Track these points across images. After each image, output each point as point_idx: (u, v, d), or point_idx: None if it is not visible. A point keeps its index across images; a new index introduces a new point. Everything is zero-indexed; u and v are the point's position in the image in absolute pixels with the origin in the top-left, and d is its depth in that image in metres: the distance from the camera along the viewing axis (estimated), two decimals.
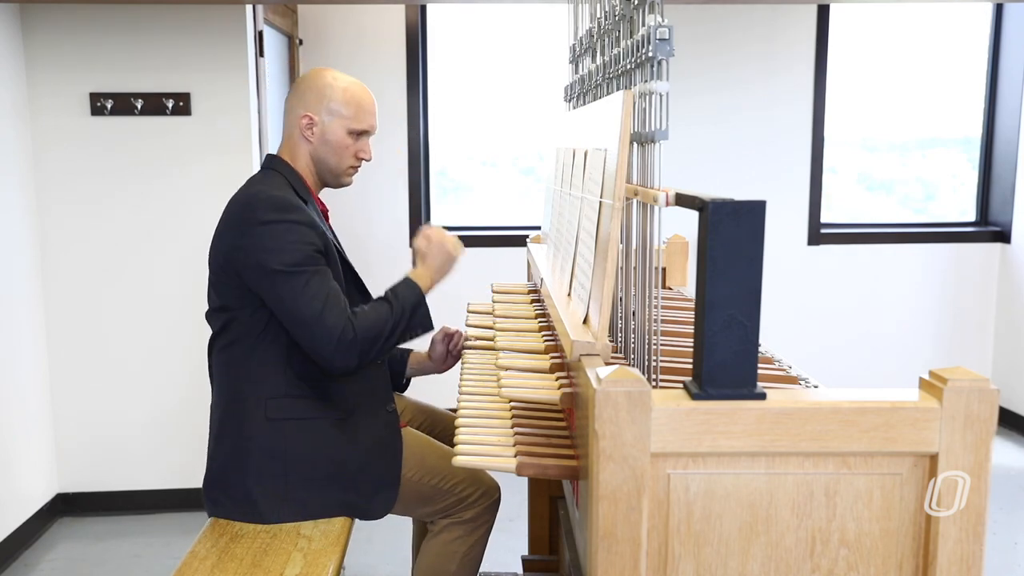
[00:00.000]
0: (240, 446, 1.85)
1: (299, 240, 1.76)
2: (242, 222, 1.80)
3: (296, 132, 1.92)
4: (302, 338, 1.77)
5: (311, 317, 1.73)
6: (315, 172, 1.95)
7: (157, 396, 3.28)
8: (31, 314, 3.13)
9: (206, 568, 1.70)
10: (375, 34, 4.03)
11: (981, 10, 4.33)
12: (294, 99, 1.93)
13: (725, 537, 1.08)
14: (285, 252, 1.75)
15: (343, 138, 1.91)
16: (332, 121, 1.90)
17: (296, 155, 1.93)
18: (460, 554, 1.94)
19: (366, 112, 1.93)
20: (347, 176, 1.98)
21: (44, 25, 3.08)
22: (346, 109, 1.91)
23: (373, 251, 4.06)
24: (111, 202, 3.18)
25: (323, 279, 1.76)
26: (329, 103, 1.90)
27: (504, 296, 2.27)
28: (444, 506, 1.93)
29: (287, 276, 1.74)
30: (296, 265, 1.74)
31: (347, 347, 1.74)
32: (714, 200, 1.04)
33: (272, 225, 1.76)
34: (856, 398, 1.06)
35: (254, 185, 1.87)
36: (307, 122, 1.90)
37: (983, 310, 4.38)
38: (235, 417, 1.87)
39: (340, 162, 1.94)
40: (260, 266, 1.76)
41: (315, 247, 1.78)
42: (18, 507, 3.04)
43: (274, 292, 1.76)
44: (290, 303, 1.75)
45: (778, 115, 4.19)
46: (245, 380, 1.86)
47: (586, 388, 1.14)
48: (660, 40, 1.27)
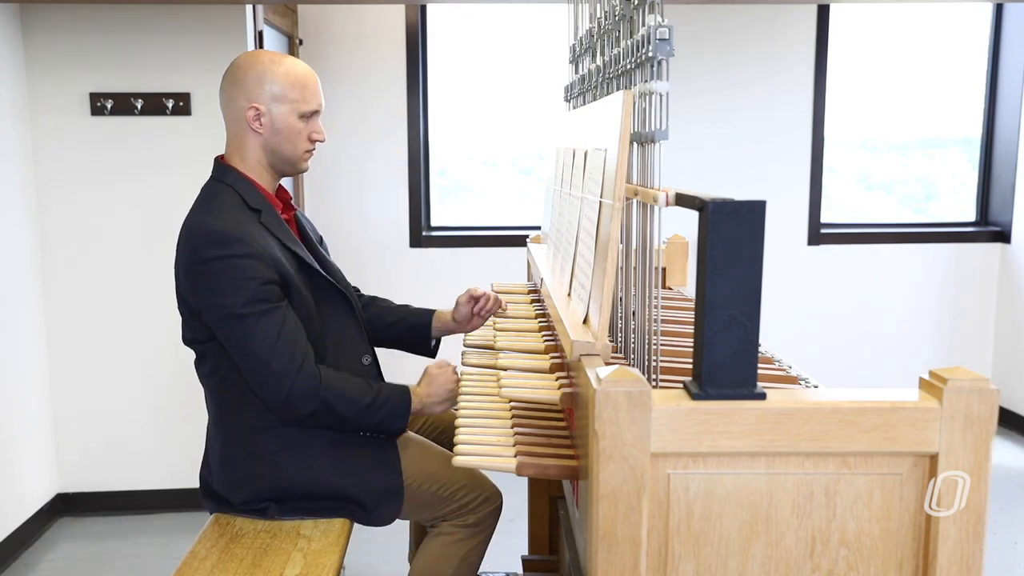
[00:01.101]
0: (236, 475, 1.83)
1: (242, 277, 1.66)
2: (186, 261, 1.73)
3: (242, 125, 1.80)
4: (253, 383, 1.72)
5: (258, 362, 1.67)
6: (269, 165, 1.83)
7: (157, 396, 3.28)
8: (31, 314, 3.13)
9: (206, 568, 1.70)
10: (375, 34, 4.03)
11: (981, 10, 4.33)
12: (233, 89, 1.81)
13: (725, 537, 1.08)
14: (227, 294, 1.66)
15: (294, 123, 1.79)
16: (280, 107, 1.78)
17: (245, 151, 1.82)
18: (458, 557, 1.90)
19: (312, 91, 1.81)
20: (303, 161, 1.85)
21: (44, 25, 3.08)
22: (292, 92, 1.78)
23: (372, 251, 4.05)
24: (111, 202, 3.18)
25: (273, 319, 1.67)
26: (272, 88, 1.77)
27: (504, 296, 2.27)
28: (445, 512, 1.91)
29: (233, 320, 1.67)
30: (244, 305, 1.66)
31: (302, 395, 1.68)
32: (714, 200, 1.04)
33: (213, 263, 1.67)
34: (856, 398, 1.06)
35: (196, 215, 1.77)
36: (254, 113, 1.78)
37: (983, 310, 4.38)
38: (228, 447, 1.83)
39: (295, 148, 1.82)
40: (207, 308, 1.70)
41: (262, 280, 1.68)
42: (18, 507, 3.04)
43: (222, 334, 1.71)
44: (237, 346, 1.69)
45: (778, 115, 4.18)
46: (231, 412, 1.82)
47: (586, 388, 1.14)
48: (660, 40, 1.27)
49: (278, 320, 1.69)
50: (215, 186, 1.82)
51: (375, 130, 4.06)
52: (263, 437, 1.79)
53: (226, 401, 1.82)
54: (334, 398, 1.73)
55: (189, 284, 1.73)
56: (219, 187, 1.81)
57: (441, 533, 1.92)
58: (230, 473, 1.83)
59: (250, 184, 1.81)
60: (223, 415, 1.84)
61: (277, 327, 1.68)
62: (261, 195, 1.82)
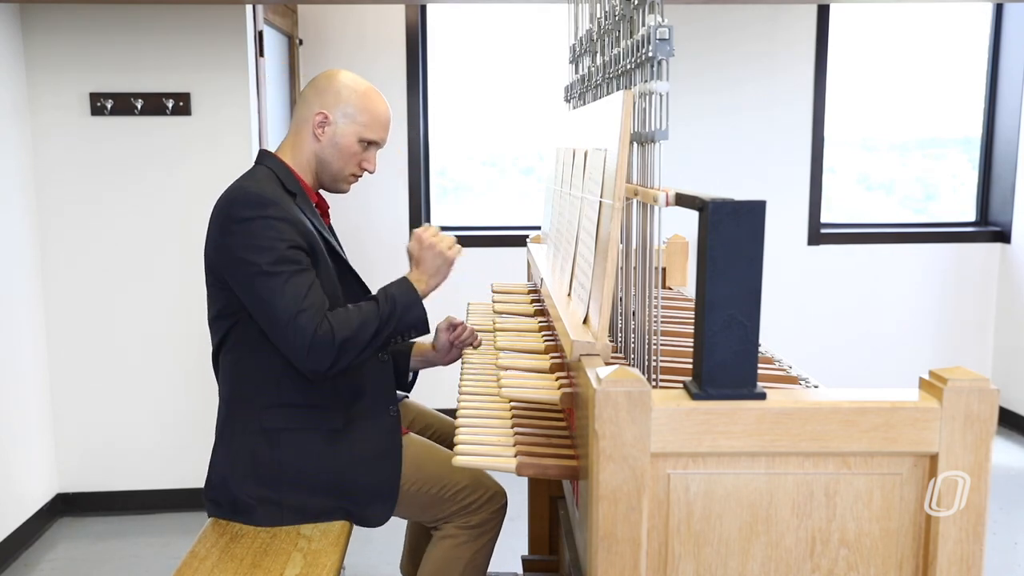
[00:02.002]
0: (236, 453, 1.84)
1: (276, 237, 1.71)
2: (221, 221, 1.76)
3: (307, 128, 1.86)
4: (277, 339, 1.72)
5: (285, 317, 1.68)
6: (316, 171, 1.90)
7: (157, 396, 3.28)
8: (31, 314, 3.13)
9: (206, 568, 1.70)
10: (375, 34, 4.03)
11: (981, 10, 4.34)
12: (311, 94, 1.88)
13: (725, 537, 1.08)
14: (262, 251, 1.70)
15: (352, 144, 1.86)
16: (346, 124, 1.85)
17: (299, 151, 1.88)
18: (464, 560, 1.89)
19: (380, 123, 1.89)
20: (346, 183, 1.92)
21: (44, 25, 3.08)
22: (362, 115, 1.86)
23: (373, 251, 4.05)
24: (111, 202, 3.18)
25: (302, 278, 1.71)
26: (346, 106, 1.85)
27: (504, 296, 2.27)
28: (448, 513, 1.90)
29: (264, 276, 1.69)
30: (273, 264, 1.69)
31: (322, 349, 1.68)
32: (714, 200, 1.04)
33: (249, 222, 1.71)
34: (856, 398, 1.06)
35: (236, 183, 1.83)
36: (321, 119, 1.85)
37: (983, 310, 4.38)
38: (232, 425, 1.86)
39: (343, 168, 1.89)
40: (238, 265, 1.72)
41: (293, 244, 1.72)
42: (18, 507, 3.04)
43: (252, 291, 1.72)
44: (266, 303, 1.70)
45: (778, 115, 4.19)
46: (242, 388, 1.85)
47: (586, 388, 1.14)
48: (660, 40, 1.27)
49: (307, 278, 1.72)
50: (255, 168, 1.89)
51: None
52: (269, 414, 1.82)
53: (244, 378, 1.85)
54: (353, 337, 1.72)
55: (222, 243, 1.75)
56: (259, 168, 1.87)
57: (445, 536, 1.91)
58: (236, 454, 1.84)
59: (290, 172, 1.87)
60: (239, 391, 1.86)
61: (306, 284, 1.71)
62: (299, 184, 1.87)
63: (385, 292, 1.81)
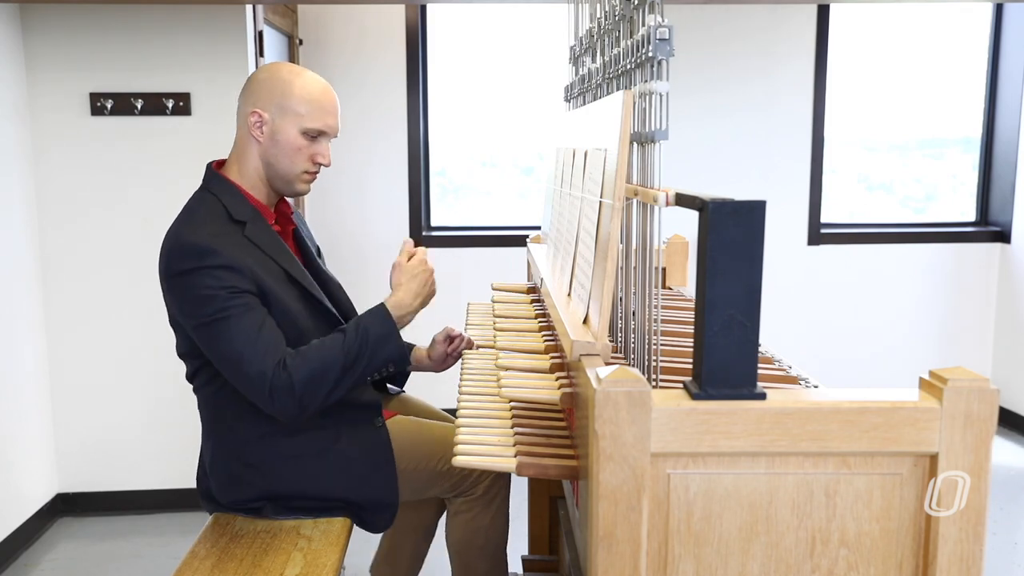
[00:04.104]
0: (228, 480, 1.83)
1: (217, 287, 1.62)
2: (163, 273, 1.70)
3: (244, 131, 1.75)
4: (238, 387, 1.67)
5: (238, 367, 1.62)
6: (266, 177, 1.77)
7: (157, 396, 3.27)
8: (31, 314, 3.13)
9: (206, 568, 1.70)
10: (375, 34, 4.03)
11: (981, 10, 4.33)
12: (243, 93, 1.76)
13: (725, 537, 1.08)
14: (204, 302, 1.63)
15: (295, 138, 1.72)
16: (284, 119, 1.72)
17: (245, 159, 1.77)
18: (484, 528, 1.94)
19: (324, 111, 1.73)
20: (301, 183, 1.78)
21: (44, 25, 3.08)
22: (300, 106, 1.71)
23: (372, 252, 4.05)
24: (111, 202, 3.18)
25: (249, 322, 1.62)
26: (281, 99, 1.71)
27: (504, 296, 2.27)
28: (451, 484, 1.91)
29: (208, 327, 1.63)
30: (216, 313, 1.62)
31: (282, 393, 1.61)
32: (714, 200, 1.04)
33: (187, 275, 1.64)
34: (856, 398, 1.06)
35: (175, 226, 1.73)
36: (256, 119, 1.72)
37: (983, 310, 4.38)
38: (221, 458, 1.83)
39: (292, 166, 1.75)
40: (185, 319, 1.68)
41: (236, 289, 1.63)
42: (18, 507, 3.04)
43: (204, 343, 1.68)
44: (218, 353, 1.65)
45: (778, 115, 4.19)
46: (221, 422, 1.81)
47: (586, 388, 1.14)
48: (660, 40, 1.27)
49: (250, 319, 1.63)
50: (200, 196, 1.78)
51: (375, 130, 4.06)
52: (255, 447, 1.78)
53: (219, 413, 1.81)
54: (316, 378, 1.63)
55: (167, 295, 1.72)
56: (204, 197, 1.77)
57: (458, 512, 1.95)
58: (223, 481, 1.83)
59: (238, 193, 1.76)
60: (216, 426, 1.83)
61: (247, 327, 1.62)
62: (250, 205, 1.76)
63: (357, 324, 1.70)
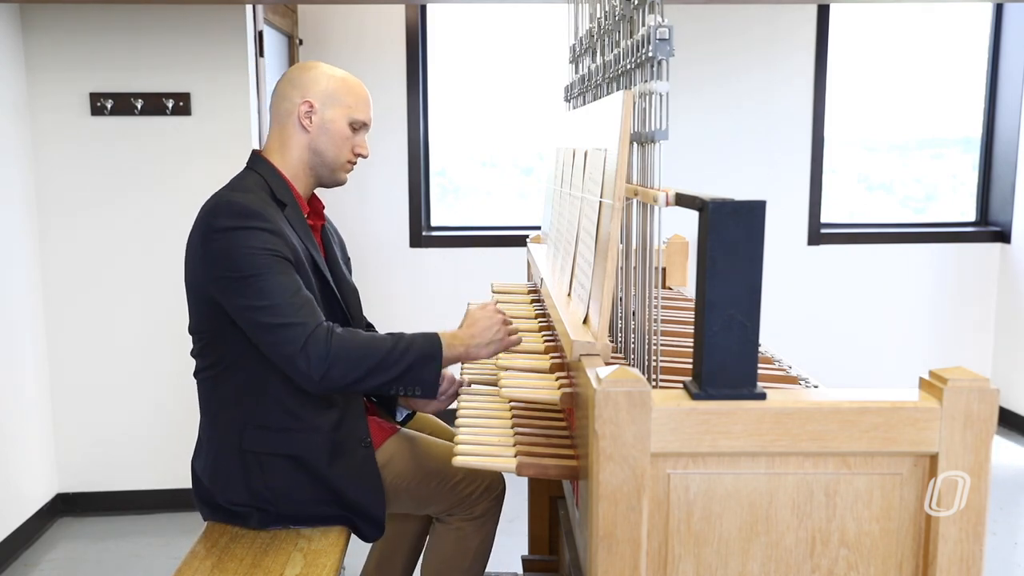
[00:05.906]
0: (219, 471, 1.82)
1: (259, 245, 1.63)
2: (203, 231, 1.69)
3: (292, 121, 1.80)
4: (267, 345, 1.64)
5: (272, 317, 1.61)
6: (310, 167, 1.83)
7: (157, 396, 3.28)
8: (31, 314, 3.13)
9: (206, 568, 1.70)
10: (375, 34, 4.03)
11: (981, 10, 4.33)
12: (288, 87, 1.81)
13: (725, 537, 1.08)
14: (243, 258, 1.63)
15: (343, 128, 1.81)
16: (333, 108, 1.79)
17: (288, 148, 1.81)
18: (472, 549, 1.93)
19: (365, 103, 1.84)
20: (343, 172, 1.85)
21: (44, 25, 3.08)
22: (347, 98, 1.80)
23: (373, 251, 4.06)
24: (111, 202, 3.18)
25: (282, 279, 1.63)
26: (329, 90, 1.79)
27: (504, 296, 2.27)
28: (448, 505, 1.90)
29: (246, 280, 1.62)
30: (256, 268, 1.62)
31: (317, 349, 1.59)
32: (714, 200, 1.04)
33: (231, 232, 1.64)
34: (856, 398, 1.06)
35: (220, 191, 1.75)
36: (307, 108, 1.78)
37: (983, 310, 4.38)
38: (217, 442, 1.82)
39: (339, 154, 1.82)
40: (221, 275, 1.66)
41: (277, 252, 1.65)
42: (18, 507, 3.03)
43: (237, 300, 1.65)
44: (252, 307, 1.63)
45: (778, 115, 4.19)
46: (221, 407, 1.80)
47: (586, 388, 1.14)
48: (660, 40, 1.27)
49: (292, 283, 1.64)
50: (246, 173, 1.82)
51: (375, 130, 4.02)
52: (253, 434, 1.77)
53: (220, 396, 1.80)
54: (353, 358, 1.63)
55: (205, 253, 1.68)
56: (250, 174, 1.81)
57: (450, 529, 1.92)
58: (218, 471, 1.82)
59: (281, 179, 1.80)
60: (216, 410, 1.82)
61: (292, 286, 1.63)
62: (290, 192, 1.80)
63: (406, 335, 1.70)
